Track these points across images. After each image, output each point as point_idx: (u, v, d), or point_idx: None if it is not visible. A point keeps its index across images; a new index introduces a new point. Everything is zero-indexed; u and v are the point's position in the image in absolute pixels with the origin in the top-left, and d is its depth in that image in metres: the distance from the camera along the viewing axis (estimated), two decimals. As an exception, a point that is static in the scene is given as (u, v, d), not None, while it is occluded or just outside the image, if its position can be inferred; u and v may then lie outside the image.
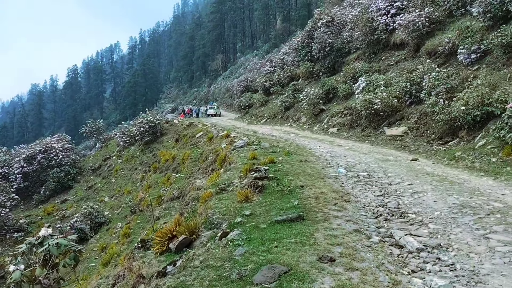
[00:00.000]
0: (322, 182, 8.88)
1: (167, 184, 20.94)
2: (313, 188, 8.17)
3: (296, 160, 11.89)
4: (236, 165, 11.69)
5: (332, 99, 29.36)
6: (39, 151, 35.16)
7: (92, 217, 21.87)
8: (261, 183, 7.88)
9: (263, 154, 13.05)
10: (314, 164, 11.40)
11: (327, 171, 10.38)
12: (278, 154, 13.06)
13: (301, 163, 11.28)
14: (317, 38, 34.16)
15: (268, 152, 13.48)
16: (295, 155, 12.91)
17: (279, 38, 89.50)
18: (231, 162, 12.45)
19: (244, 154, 13.23)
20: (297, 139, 20.75)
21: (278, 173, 9.56)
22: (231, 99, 66.73)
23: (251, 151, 13.64)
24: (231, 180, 9.38)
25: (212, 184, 9.33)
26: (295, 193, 7.66)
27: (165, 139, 30.65)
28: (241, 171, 9.56)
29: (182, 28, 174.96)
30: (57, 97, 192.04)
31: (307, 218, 6.06)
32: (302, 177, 9.25)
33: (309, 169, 10.49)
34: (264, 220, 6.18)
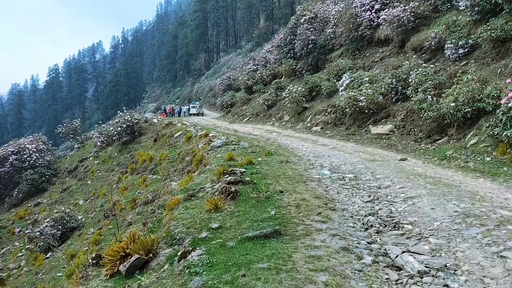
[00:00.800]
0: (304, 186, 7.91)
1: (143, 186, 19.79)
2: (293, 193, 7.19)
3: (277, 161, 10.91)
4: (211, 167, 10.65)
5: (315, 97, 28.53)
6: (11, 152, 33.43)
7: (64, 222, 20.53)
8: (235, 188, 6.85)
9: (242, 154, 12.03)
10: (296, 165, 10.43)
11: (310, 173, 9.42)
12: (258, 155, 12.06)
13: (281, 164, 10.30)
14: (300, 35, 33.28)
15: (247, 153, 12.47)
16: (275, 156, 11.93)
17: (262, 37, 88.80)
18: (207, 163, 11.40)
19: (221, 155, 12.20)
20: (279, 138, 19.80)
21: (255, 176, 8.57)
22: (214, 98, 65.62)
23: (229, 151, 12.61)
24: (203, 184, 8.35)
25: (181, 189, 8.28)
26: (273, 200, 6.68)
27: (144, 139, 29.39)
28: (215, 174, 8.53)
29: (165, 27, 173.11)
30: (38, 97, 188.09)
31: (285, 233, 5.06)
32: (282, 181, 8.26)
33: (290, 171, 9.52)
34: (233, 235, 5.16)
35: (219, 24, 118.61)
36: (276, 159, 11.21)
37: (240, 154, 11.97)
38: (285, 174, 8.95)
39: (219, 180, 7.98)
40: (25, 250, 21.14)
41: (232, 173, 8.30)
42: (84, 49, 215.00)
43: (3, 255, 22.01)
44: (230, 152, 12.32)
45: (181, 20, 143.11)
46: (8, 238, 24.10)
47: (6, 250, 22.48)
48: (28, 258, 20.06)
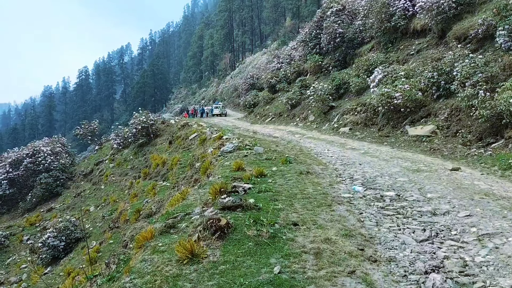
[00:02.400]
0: (328, 213, 5.72)
1: (151, 194, 17.97)
2: (313, 227, 5.03)
3: (295, 171, 8.72)
4: (214, 179, 8.58)
5: (343, 95, 26.09)
6: (26, 154, 32.39)
7: (68, 233, 18.92)
8: (226, 221, 4.72)
9: (253, 162, 9.91)
10: (319, 177, 8.22)
11: (336, 190, 7.20)
12: (273, 163, 9.90)
13: (300, 177, 8.11)
14: (327, 29, 30.86)
15: (260, 160, 10.33)
16: (295, 164, 9.73)
17: (288, 35, 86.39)
18: (211, 173, 9.34)
19: (230, 163, 10.11)
20: (302, 141, 17.56)
21: (263, 196, 6.44)
22: (238, 98, 63.78)
23: (240, 158, 10.52)
24: (193, 207, 6.28)
25: (163, 214, 6.24)
26: (281, 241, 4.52)
27: (159, 141, 27.67)
28: (210, 192, 6.45)
29: (192, 28, 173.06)
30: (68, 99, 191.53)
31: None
32: (298, 204, 6.10)
33: (311, 186, 7.32)
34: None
35: (244, 23, 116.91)
36: (294, 168, 9.02)
37: (251, 162, 9.84)
38: (303, 192, 6.78)
39: (214, 202, 5.90)
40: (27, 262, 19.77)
41: (233, 192, 6.21)
42: (113, 52, 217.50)
43: (8, 265, 20.70)
44: (240, 159, 10.23)
45: (207, 21, 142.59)
46: (16, 247, 22.86)
47: (12, 260, 21.17)
48: (30, 271, 18.60)
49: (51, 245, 18.41)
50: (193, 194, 7.52)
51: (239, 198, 5.70)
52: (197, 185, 9.19)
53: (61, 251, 18.53)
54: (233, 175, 8.33)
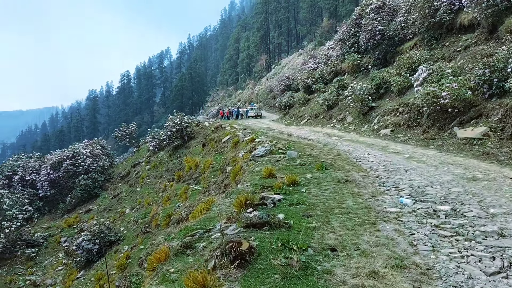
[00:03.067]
0: (373, 234, 4.83)
1: (183, 198, 17.50)
2: (354, 254, 4.16)
3: (332, 179, 7.83)
4: (243, 186, 7.84)
5: (383, 95, 24.79)
6: (66, 157, 33.06)
7: (102, 236, 18.78)
8: (248, 244, 3.93)
9: (286, 168, 9.09)
10: (360, 187, 7.29)
11: (381, 203, 6.27)
12: (307, 169, 9.04)
13: (338, 186, 7.22)
14: (366, 26, 29.55)
15: (293, 166, 9.49)
16: (332, 170, 8.83)
17: (325, 35, 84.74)
18: (239, 180, 8.61)
19: (260, 168, 9.35)
20: (339, 144, 16.55)
21: (295, 210, 5.62)
22: (274, 100, 63.02)
23: (271, 163, 9.73)
24: (215, 221, 5.55)
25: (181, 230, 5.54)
26: (315, 274, 3.66)
27: (193, 143, 27.34)
28: (234, 204, 5.71)
29: (228, 31, 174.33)
30: (111, 102, 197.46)
31: None
32: (336, 221, 5.25)
33: (351, 198, 6.43)
34: None
35: (280, 25, 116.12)
36: (331, 176, 8.12)
37: (283, 168, 9.03)
38: (342, 206, 5.91)
39: (238, 217, 5.15)
40: (62, 265, 19.82)
41: (260, 205, 5.44)
42: (153, 56, 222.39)
43: (45, 267, 20.88)
44: (272, 164, 9.44)
45: (243, 24, 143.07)
46: (54, 248, 23.11)
47: (49, 262, 21.36)
48: (65, 274, 18.61)
49: (85, 248, 18.35)
50: (218, 204, 6.82)
51: (266, 213, 4.92)
52: (225, 192, 8.48)
53: (95, 254, 18.44)
54: (262, 183, 7.56)
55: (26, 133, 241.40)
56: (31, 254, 22.70)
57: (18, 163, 35.16)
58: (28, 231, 24.66)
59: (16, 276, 20.17)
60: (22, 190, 31.43)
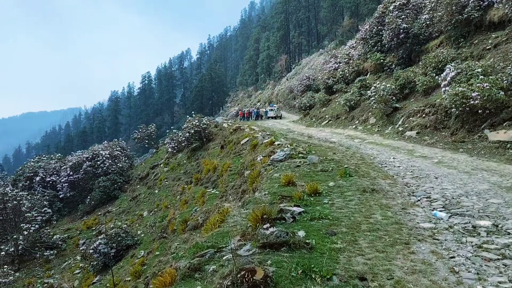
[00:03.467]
0: (407, 257, 4.24)
1: (200, 202, 17.11)
2: (388, 285, 3.58)
3: (357, 187, 7.23)
4: (260, 194, 7.32)
5: (408, 95, 23.91)
6: (86, 158, 33.15)
7: (119, 240, 18.54)
8: (263, 273, 3.38)
9: (306, 175, 8.52)
10: (388, 197, 6.67)
11: (412, 217, 5.66)
12: (329, 176, 8.46)
13: (364, 196, 6.62)
14: (389, 24, 28.65)
15: (315, 172, 8.92)
16: (356, 177, 8.22)
17: (346, 35, 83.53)
18: (256, 187, 8.10)
19: (279, 174, 8.81)
20: (363, 147, 15.86)
21: (317, 226, 5.08)
22: (294, 100, 62.29)
23: (291, 168, 9.19)
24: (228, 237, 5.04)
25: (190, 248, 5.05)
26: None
27: (212, 145, 26.97)
28: (249, 218, 5.20)
29: (248, 31, 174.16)
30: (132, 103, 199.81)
31: None
32: (363, 240, 4.67)
33: (379, 211, 5.83)
34: None
35: (301, 24, 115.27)
36: (356, 184, 7.53)
37: (304, 175, 8.47)
38: (369, 221, 5.33)
39: (254, 233, 4.63)
40: (80, 268, 19.70)
41: (278, 219, 4.91)
42: (174, 57, 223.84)
43: (63, 270, 20.82)
44: (292, 170, 8.89)
45: (263, 24, 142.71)
46: (72, 251, 23.09)
47: (67, 265, 21.30)
48: (82, 277, 18.45)
49: (102, 252, 18.15)
50: (233, 215, 6.32)
51: (285, 231, 4.39)
52: (242, 200, 7.98)
53: (112, 258, 18.21)
54: (281, 192, 7.03)
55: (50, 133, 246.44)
56: (49, 256, 22.71)
57: (39, 164, 35.50)
58: (47, 233, 24.70)
59: (34, 278, 20.18)
60: (42, 192, 31.69)
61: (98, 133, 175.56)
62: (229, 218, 6.27)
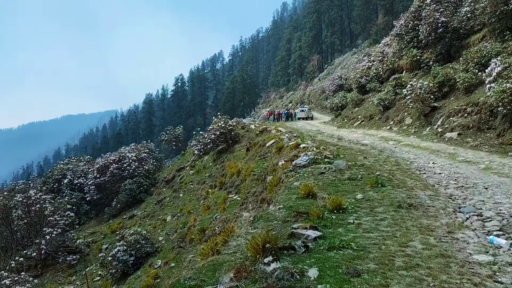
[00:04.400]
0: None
1: (221, 208, 16.18)
2: None
3: (390, 201, 6.00)
4: (274, 209, 6.22)
5: (448, 94, 22.12)
6: (112, 160, 32.93)
7: (138, 247, 17.82)
8: None
9: (331, 184, 7.35)
10: (429, 214, 5.41)
11: (463, 246, 4.42)
12: (358, 185, 7.25)
13: (399, 214, 5.40)
14: (426, 18, 26.81)
15: (340, 180, 7.72)
16: (389, 187, 6.97)
17: (381, 33, 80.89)
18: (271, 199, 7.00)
19: (299, 183, 7.68)
20: (398, 150, 14.44)
21: (335, 259, 3.95)
22: (326, 101, 60.64)
23: (314, 176, 8.05)
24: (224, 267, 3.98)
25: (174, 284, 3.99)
26: None
27: (237, 147, 26.03)
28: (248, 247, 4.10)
29: (280, 32, 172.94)
30: (166, 105, 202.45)
31: None
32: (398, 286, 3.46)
33: (418, 235, 4.61)
34: None
35: (333, 23, 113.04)
36: (389, 196, 6.29)
37: (328, 184, 7.29)
38: (406, 251, 4.13)
39: (252, 270, 3.55)
40: (99, 276, 19.16)
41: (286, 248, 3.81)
42: (206, 59, 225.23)
43: (84, 276, 20.36)
44: (314, 178, 7.75)
45: (295, 24, 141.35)
46: (95, 256, 22.69)
47: (89, 271, 20.83)
48: (101, 285, 17.88)
49: (120, 259, 17.49)
50: (238, 236, 5.26)
51: (291, 270, 3.27)
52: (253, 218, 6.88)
53: (131, 266, 17.54)
54: (298, 206, 5.90)
55: (88, 135, 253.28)
56: (71, 261, 22.36)
57: (68, 166, 35.71)
58: (71, 237, 24.40)
59: (55, 284, 19.87)
60: (70, 194, 31.76)
61: (133, 135, 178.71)
62: (233, 239, 5.22)
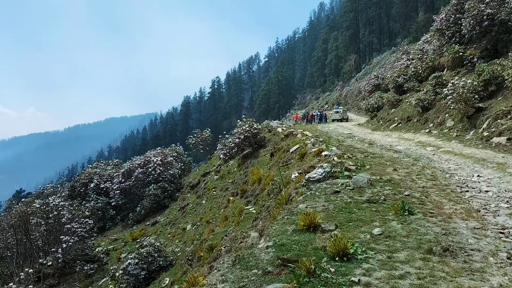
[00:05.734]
0: None
1: (236, 221, 14.78)
2: None
3: (418, 242, 4.35)
4: (262, 247, 4.74)
5: (495, 93, 19.68)
6: (138, 165, 32.21)
7: (150, 260, 16.66)
8: None
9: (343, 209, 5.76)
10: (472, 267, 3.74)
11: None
12: (378, 211, 5.62)
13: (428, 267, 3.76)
14: (469, 11, 24.32)
15: (357, 203, 6.10)
16: (419, 216, 5.29)
17: (421, 30, 77.10)
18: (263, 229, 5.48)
19: (305, 205, 6.11)
20: (436, 158, 12.50)
21: None
22: (362, 102, 58.11)
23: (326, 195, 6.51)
24: None
25: None
26: None
27: (262, 152, 24.54)
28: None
29: (317, 33, 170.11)
30: (202, 107, 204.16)
31: None
32: None
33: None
34: None
35: (371, 22, 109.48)
36: (418, 232, 4.63)
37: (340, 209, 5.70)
38: None
39: None
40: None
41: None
42: (243, 62, 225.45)
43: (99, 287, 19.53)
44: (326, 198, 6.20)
45: (332, 24, 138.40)
46: (113, 264, 21.83)
47: (104, 282, 19.97)
48: (112, 300, 16.94)
49: (131, 273, 16.41)
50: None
51: None
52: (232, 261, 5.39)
53: (142, 281, 16.40)
54: (291, 244, 4.38)
55: (129, 137, 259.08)
56: (89, 271, 21.58)
57: (95, 170, 35.41)
58: (91, 245, 23.64)
59: (69, 295, 19.18)
60: (96, 198, 31.36)
61: (171, 137, 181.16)
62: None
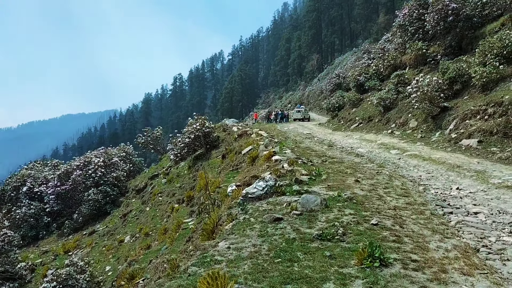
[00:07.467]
0: None
1: (171, 237, 12.55)
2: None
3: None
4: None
5: (460, 92, 18.43)
6: (76, 166, 28.90)
7: (70, 283, 14.03)
8: None
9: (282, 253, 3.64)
10: None
11: None
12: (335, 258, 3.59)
13: None
14: (434, 5, 23.14)
15: (304, 242, 4.04)
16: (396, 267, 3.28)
17: (381, 32, 77.39)
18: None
19: (228, 246, 4.04)
20: (403, 164, 10.78)
21: None
22: (324, 101, 57.08)
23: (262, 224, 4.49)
24: None
25: None
26: None
27: (214, 153, 22.32)
28: None
29: (280, 32, 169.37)
30: (164, 105, 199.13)
31: None
32: None
33: None
34: None
35: (333, 23, 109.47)
36: None
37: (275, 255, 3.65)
38: None
39: None
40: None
41: None
42: (207, 59, 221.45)
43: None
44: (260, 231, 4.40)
45: (295, 23, 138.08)
46: (37, 283, 18.91)
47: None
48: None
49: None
50: None
51: None
52: None
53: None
54: None
55: (86, 135, 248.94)
56: (8, 290, 18.52)
57: (29, 172, 31.67)
58: (14, 259, 20.37)
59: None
60: (29, 204, 27.79)
61: (129, 135, 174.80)
62: None
